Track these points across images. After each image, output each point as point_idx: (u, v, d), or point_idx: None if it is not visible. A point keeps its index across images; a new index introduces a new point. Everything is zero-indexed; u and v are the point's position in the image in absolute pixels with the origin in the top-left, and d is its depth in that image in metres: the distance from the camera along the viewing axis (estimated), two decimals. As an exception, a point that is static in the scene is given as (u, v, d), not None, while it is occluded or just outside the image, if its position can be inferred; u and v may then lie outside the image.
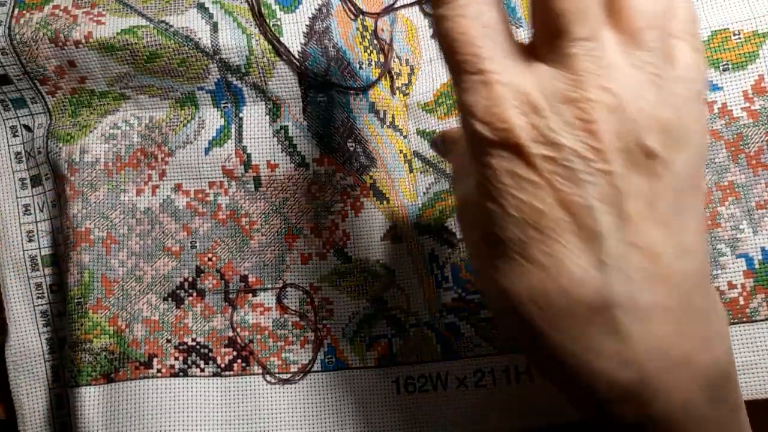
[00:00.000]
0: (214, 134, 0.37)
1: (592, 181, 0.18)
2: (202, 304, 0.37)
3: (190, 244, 0.37)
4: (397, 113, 0.37)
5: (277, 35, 0.36)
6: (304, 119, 0.37)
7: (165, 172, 0.38)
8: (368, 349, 0.36)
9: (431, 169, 0.37)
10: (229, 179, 0.37)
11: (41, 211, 0.39)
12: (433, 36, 0.38)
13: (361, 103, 0.37)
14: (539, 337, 0.20)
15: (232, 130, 0.37)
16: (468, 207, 0.23)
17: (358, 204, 0.37)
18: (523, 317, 0.20)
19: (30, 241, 0.39)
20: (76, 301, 0.36)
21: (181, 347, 0.36)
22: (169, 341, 0.36)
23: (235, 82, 0.37)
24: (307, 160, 0.37)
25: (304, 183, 0.37)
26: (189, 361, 0.36)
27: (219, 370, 0.36)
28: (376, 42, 0.38)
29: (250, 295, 0.37)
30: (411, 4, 0.38)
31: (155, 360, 0.36)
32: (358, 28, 0.37)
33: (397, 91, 0.38)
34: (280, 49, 0.36)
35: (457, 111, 0.37)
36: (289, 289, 0.37)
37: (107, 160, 0.38)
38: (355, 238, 0.37)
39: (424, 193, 0.37)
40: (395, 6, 0.38)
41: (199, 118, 0.38)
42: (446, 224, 0.36)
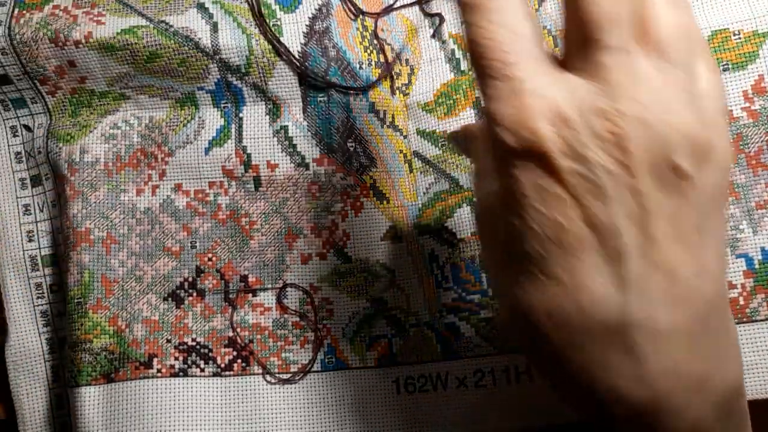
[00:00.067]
0: (214, 134, 0.37)
1: (620, 199, 0.18)
2: (202, 304, 0.37)
3: (190, 244, 0.37)
4: (397, 113, 0.37)
5: (277, 35, 0.36)
6: (304, 119, 0.37)
7: (165, 172, 0.38)
8: (368, 349, 0.36)
9: (431, 169, 0.37)
10: (229, 179, 0.37)
11: (41, 211, 0.39)
12: (433, 36, 0.38)
13: (361, 103, 0.37)
14: (552, 351, 0.20)
15: (232, 130, 0.37)
16: (488, 213, 0.22)
17: (358, 204, 0.37)
18: (538, 330, 0.20)
19: (30, 241, 0.39)
20: (76, 301, 0.36)
21: (181, 347, 0.36)
22: (169, 341, 0.36)
23: (235, 82, 0.37)
24: (307, 160, 0.37)
25: (304, 183, 0.37)
26: (189, 361, 0.36)
27: (219, 370, 0.36)
28: (376, 42, 0.38)
29: (250, 295, 0.37)
30: (411, 4, 0.38)
31: (155, 360, 0.36)
32: (358, 28, 0.37)
33: (397, 91, 0.38)
34: (280, 49, 0.36)
35: (456, 111, 0.37)
36: (289, 289, 0.37)
37: (107, 160, 0.38)
38: (355, 238, 0.37)
39: (424, 193, 0.37)
40: (395, 6, 0.38)
41: (199, 118, 0.38)
42: (446, 224, 0.36)
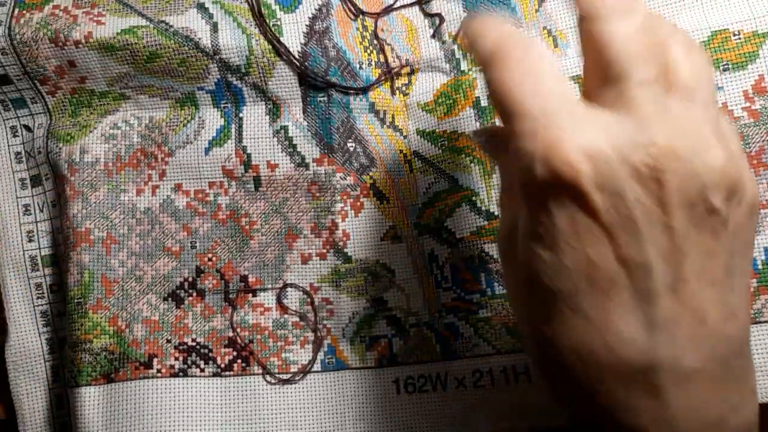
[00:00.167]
0: (214, 134, 0.37)
1: (653, 236, 0.18)
2: (202, 304, 0.37)
3: (190, 244, 0.37)
4: (397, 113, 0.37)
5: (277, 35, 0.36)
6: (304, 119, 0.37)
7: (165, 172, 0.38)
8: (368, 349, 0.36)
9: (431, 169, 0.37)
10: (229, 179, 0.37)
11: (41, 211, 0.39)
12: (433, 36, 0.38)
13: (361, 103, 0.37)
14: (575, 386, 0.19)
15: (232, 130, 0.37)
16: (512, 241, 0.21)
17: (358, 204, 0.37)
18: (562, 365, 0.19)
19: (30, 241, 0.39)
20: (76, 301, 0.36)
21: (181, 347, 0.36)
22: (169, 341, 0.36)
23: (235, 82, 0.37)
24: (307, 160, 0.37)
25: (304, 183, 0.37)
26: (189, 361, 0.36)
27: (219, 370, 0.36)
28: (376, 42, 0.38)
29: (250, 295, 0.37)
30: (411, 4, 0.38)
31: (155, 360, 0.36)
32: (358, 28, 0.37)
33: (397, 91, 0.38)
34: (280, 49, 0.36)
35: (456, 111, 0.37)
36: (289, 289, 0.37)
37: (107, 160, 0.38)
38: (355, 238, 0.37)
39: (424, 193, 0.37)
40: (395, 6, 0.38)
41: (199, 118, 0.38)
42: (446, 224, 0.36)
